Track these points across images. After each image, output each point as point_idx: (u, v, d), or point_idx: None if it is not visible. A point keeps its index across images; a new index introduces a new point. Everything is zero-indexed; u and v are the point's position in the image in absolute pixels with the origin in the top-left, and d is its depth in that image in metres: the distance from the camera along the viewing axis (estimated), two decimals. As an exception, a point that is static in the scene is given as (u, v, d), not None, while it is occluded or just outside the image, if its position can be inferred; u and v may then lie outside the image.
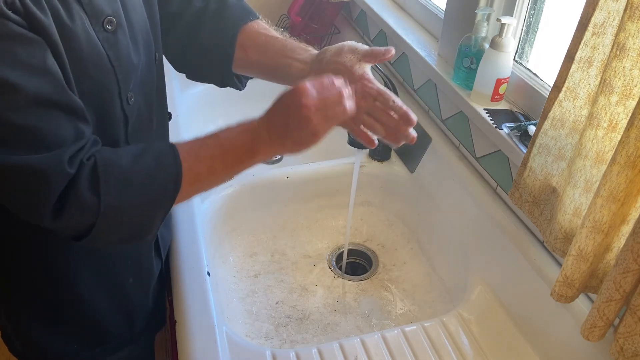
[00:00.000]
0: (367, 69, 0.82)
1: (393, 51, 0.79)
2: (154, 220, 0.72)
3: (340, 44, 0.83)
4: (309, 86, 0.71)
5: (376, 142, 0.81)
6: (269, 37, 0.89)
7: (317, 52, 0.86)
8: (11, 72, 0.58)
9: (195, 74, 0.97)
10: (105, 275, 0.89)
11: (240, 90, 0.98)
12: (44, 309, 0.88)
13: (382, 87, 0.80)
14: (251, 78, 0.97)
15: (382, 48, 0.80)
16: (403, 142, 0.80)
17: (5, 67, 0.58)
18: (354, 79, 0.79)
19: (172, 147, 0.72)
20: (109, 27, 0.69)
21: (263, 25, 0.92)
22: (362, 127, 0.80)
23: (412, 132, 0.79)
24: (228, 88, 0.97)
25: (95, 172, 0.66)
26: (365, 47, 0.82)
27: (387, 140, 0.80)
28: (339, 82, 0.73)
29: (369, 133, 0.80)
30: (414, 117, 0.78)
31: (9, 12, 0.58)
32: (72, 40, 0.64)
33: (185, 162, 0.71)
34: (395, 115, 0.78)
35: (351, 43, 0.83)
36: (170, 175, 0.70)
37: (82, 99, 0.67)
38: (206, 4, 0.92)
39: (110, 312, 0.92)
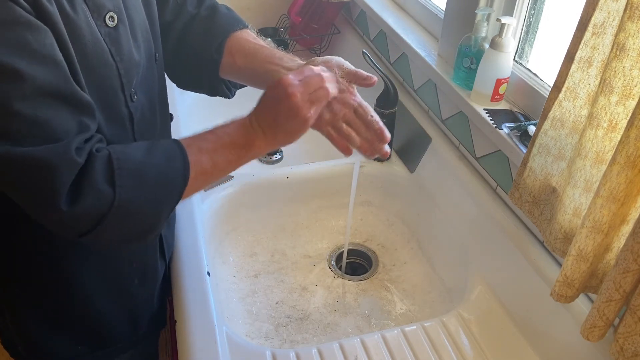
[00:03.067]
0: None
1: (374, 80, 0.82)
2: (160, 216, 0.72)
3: (328, 57, 0.85)
4: (291, 76, 0.74)
5: (352, 151, 0.84)
6: (257, 45, 0.91)
7: (304, 61, 0.87)
8: (19, 60, 0.58)
9: (185, 82, 0.97)
10: (110, 277, 0.89)
11: (229, 98, 0.99)
12: (48, 311, 0.88)
13: (364, 101, 0.82)
14: (242, 87, 0.98)
15: (366, 73, 0.82)
16: (376, 156, 0.83)
17: (13, 54, 0.57)
18: (339, 89, 0.81)
19: (177, 142, 0.73)
20: (111, 23, 0.69)
21: (252, 34, 0.94)
22: (339, 135, 0.82)
23: (386, 148, 0.82)
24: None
25: (109, 163, 0.66)
26: (351, 67, 0.84)
27: (361, 152, 0.83)
28: (318, 68, 0.76)
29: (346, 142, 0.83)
30: (388, 134, 0.81)
31: None
32: (76, 32, 0.64)
33: (190, 156, 0.72)
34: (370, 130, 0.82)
35: (339, 59, 0.85)
36: (179, 169, 0.71)
37: (89, 93, 0.67)
38: (197, 10, 0.93)
39: (115, 315, 0.92)
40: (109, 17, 0.69)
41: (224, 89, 0.96)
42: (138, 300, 0.96)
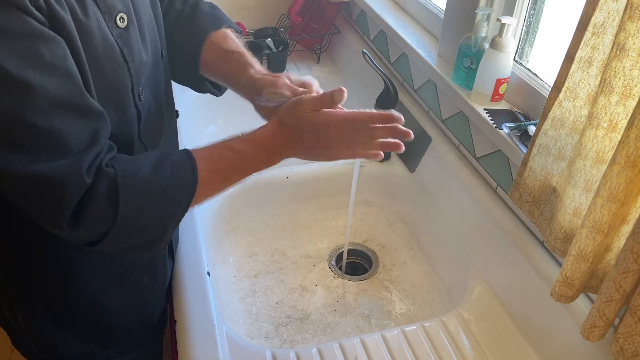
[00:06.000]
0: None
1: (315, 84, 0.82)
2: (166, 230, 0.73)
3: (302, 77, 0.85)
4: (342, 125, 0.75)
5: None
6: (223, 51, 0.90)
7: (256, 70, 0.86)
8: (33, 72, 0.58)
9: (175, 76, 0.97)
10: (120, 276, 0.89)
11: (218, 96, 0.99)
12: (59, 309, 0.88)
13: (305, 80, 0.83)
14: None
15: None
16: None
17: (26, 67, 0.57)
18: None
19: (190, 157, 0.73)
20: (121, 23, 0.69)
21: (227, 36, 0.92)
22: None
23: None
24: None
25: (114, 183, 0.66)
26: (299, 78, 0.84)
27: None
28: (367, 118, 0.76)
29: None
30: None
31: (34, 10, 0.57)
32: (88, 38, 0.64)
33: (201, 173, 0.72)
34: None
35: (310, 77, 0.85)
36: (186, 187, 0.71)
37: (100, 97, 0.67)
38: (183, 7, 0.94)
39: (125, 312, 0.93)
40: (120, 18, 0.69)
41: (209, 88, 0.97)
42: (147, 298, 0.96)
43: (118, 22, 0.69)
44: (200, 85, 0.96)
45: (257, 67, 0.87)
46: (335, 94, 0.75)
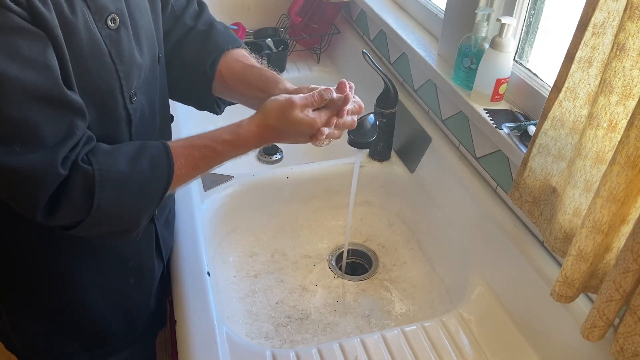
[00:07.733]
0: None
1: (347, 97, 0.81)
2: (139, 220, 0.75)
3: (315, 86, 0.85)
4: (319, 119, 0.78)
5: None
6: (246, 65, 0.91)
7: (289, 86, 0.87)
8: (10, 65, 0.59)
9: (174, 92, 0.97)
10: (105, 277, 0.89)
11: (218, 114, 0.99)
12: (44, 309, 0.88)
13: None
14: (232, 103, 0.98)
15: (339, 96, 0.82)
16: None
17: (4, 60, 0.58)
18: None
19: (168, 154, 0.74)
20: (112, 25, 0.70)
21: (244, 54, 0.94)
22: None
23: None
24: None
25: (90, 178, 0.67)
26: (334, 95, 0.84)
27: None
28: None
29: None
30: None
31: (11, 4, 0.58)
32: (73, 35, 0.64)
33: (177, 170, 0.74)
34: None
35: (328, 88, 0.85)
36: (161, 181, 0.73)
37: (82, 95, 0.67)
38: (195, 23, 0.94)
39: (110, 314, 0.92)
40: (111, 19, 0.69)
41: (213, 105, 0.97)
42: (134, 300, 0.96)
43: (109, 23, 0.69)
44: (205, 102, 0.96)
45: (275, 91, 0.87)
46: (324, 93, 0.78)
